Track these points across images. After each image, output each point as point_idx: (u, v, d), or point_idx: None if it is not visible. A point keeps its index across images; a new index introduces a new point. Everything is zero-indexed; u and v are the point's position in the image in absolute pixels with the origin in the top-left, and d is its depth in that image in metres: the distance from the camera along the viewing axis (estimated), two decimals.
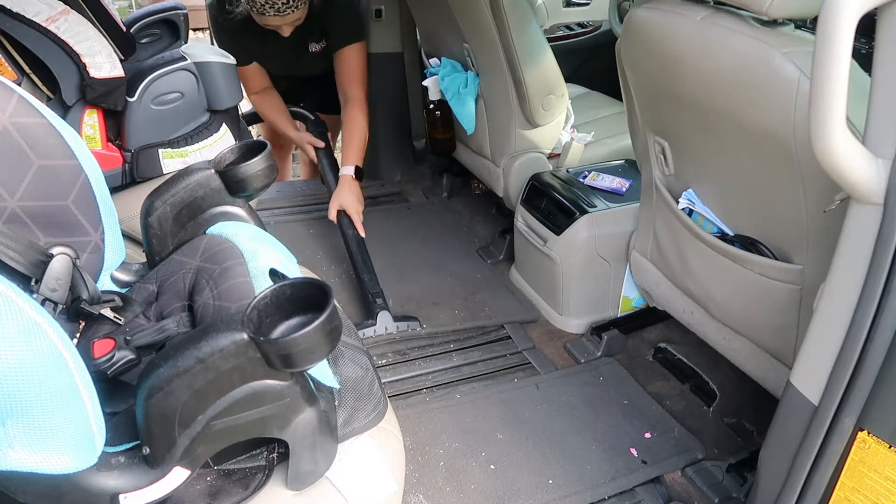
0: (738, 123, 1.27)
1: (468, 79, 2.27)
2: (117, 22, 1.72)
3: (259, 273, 1.03)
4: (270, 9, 1.92)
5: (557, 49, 2.14)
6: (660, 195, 1.64)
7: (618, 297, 2.01)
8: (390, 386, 1.80)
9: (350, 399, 1.02)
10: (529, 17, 2.00)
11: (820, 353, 1.00)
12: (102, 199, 1.12)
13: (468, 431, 1.65)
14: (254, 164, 1.13)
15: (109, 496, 0.80)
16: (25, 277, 0.97)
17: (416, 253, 2.38)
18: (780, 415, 1.12)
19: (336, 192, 2.18)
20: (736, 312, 1.52)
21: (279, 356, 0.76)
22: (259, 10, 1.94)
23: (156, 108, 1.64)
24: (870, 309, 0.90)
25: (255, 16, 1.99)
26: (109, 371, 0.94)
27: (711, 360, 1.81)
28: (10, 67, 1.49)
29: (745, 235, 1.44)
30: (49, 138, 1.04)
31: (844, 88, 0.83)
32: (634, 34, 1.45)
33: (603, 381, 1.82)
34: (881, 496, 0.97)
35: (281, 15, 1.94)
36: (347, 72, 2.22)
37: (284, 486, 0.92)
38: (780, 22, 1.17)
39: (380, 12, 2.64)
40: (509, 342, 2.00)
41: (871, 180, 0.87)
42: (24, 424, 0.72)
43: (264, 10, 1.93)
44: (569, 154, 2.23)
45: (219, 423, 0.80)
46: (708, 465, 1.57)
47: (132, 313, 1.09)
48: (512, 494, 1.49)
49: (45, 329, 0.71)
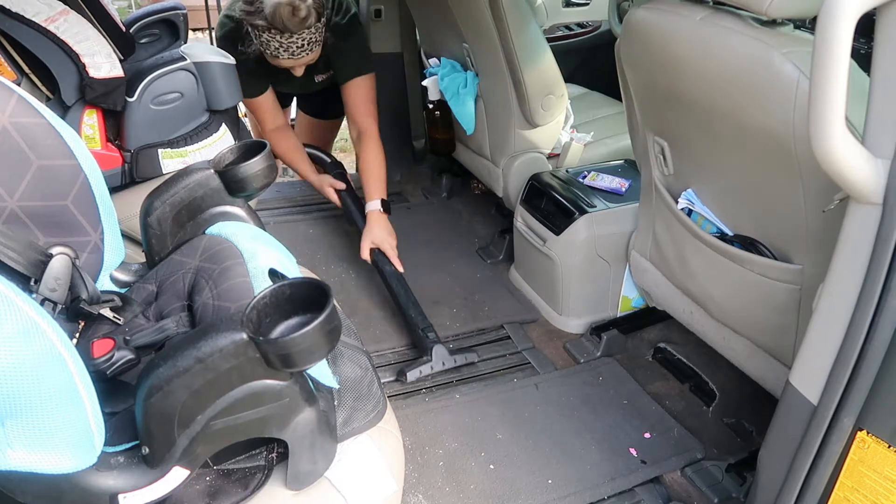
0: (738, 123, 1.27)
1: (468, 79, 2.27)
2: (117, 22, 1.72)
3: (258, 273, 1.03)
4: (284, 52, 1.88)
5: (557, 49, 2.14)
6: (659, 195, 1.64)
7: (617, 297, 2.02)
8: (390, 386, 1.80)
9: (349, 399, 1.02)
10: (529, 17, 2.00)
11: (819, 352, 1.00)
12: (102, 199, 1.12)
13: (468, 431, 1.65)
14: (253, 164, 1.13)
15: (109, 496, 0.80)
16: (25, 277, 0.97)
17: (416, 253, 2.38)
18: (780, 415, 1.12)
19: (366, 230, 2.10)
20: (735, 312, 1.52)
21: (278, 356, 0.76)
22: (273, 53, 1.89)
23: (155, 108, 1.64)
24: (869, 309, 0.90)
25: (268, 58, 1.94)
26: (109, 371, 0.94)
27: (711, 360, 1.81)
28: (9, 67, 1.49)
29: (744, 235, 1.44)
30: (48, 138, 1.04)
31: (843, 88, 0.83)
32: (634, 34, 1.45)
33: (602, 382, 1.83)
34: (880, 496, 0.97)
35: (294, 58, 1.91)
36: (358, 104, 2.18)
37: (284, 485, 0.92)
38: (780, 22, 1.18)
39: (379, 12, 2.64)
40: (509, 342, 2.00)
41: (870, 180, 0.87)
42: (24, 424, 0.72)
43: (278, 54, 1.89)
44: (568, 154, 2.23)
45: (218, 422, 0.80)
46: (707, 465, 1.57)
47: (131, 313, 1.09)
48: (511, 494, 1.49)
49: (44, 329, 0.71)
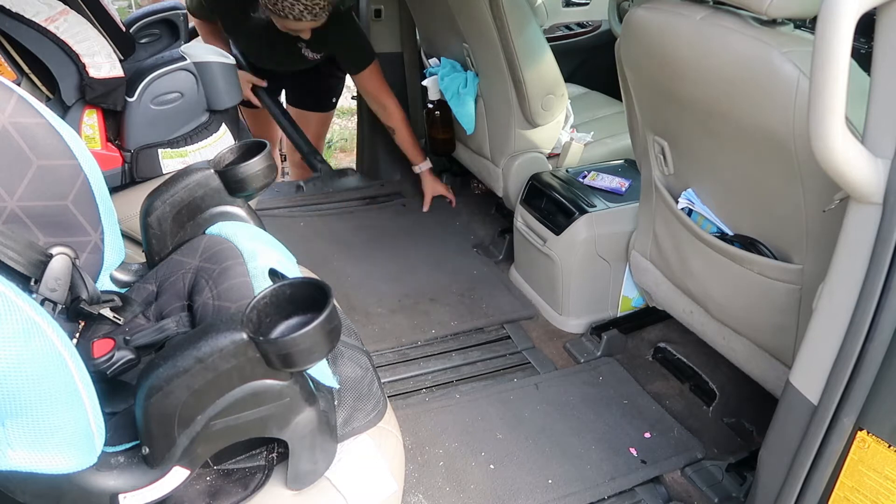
0: (738, 123, 1.27)
1: (468, 79, 2.27)
2: (117, 22, 1.72)
3: (258, 273, 1.03)
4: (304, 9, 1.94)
5: (557, 49, 2.14)
6: (659, 195, 1.64)
7: (617, 297, 2.02)
8: (390, 386, 1.80)
9: (349, 399, 1.02)
10: (529, 16, 2.00)
11: (819, 352, 1.00)
12: (102, 199, 1.12)
13: (468, 431, 1.65)
14: (253, 164, 1.13)
15: (109, 496, 0.80)
16: (25, 277, 0.97)
17: (416, 252, 2.39)
18: (780, 414, 1.12)
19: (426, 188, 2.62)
20: (735, 312, 1.52)
21: (278, 356, 0.76)
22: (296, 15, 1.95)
23: (155, 108, 1.64)
24: (869, 308, 0.90)
25: (276, 18, 2.01)
26: (109, 371, 0.94)
27: (711, 359, 1.81)
28: (9, 67, 1.49)
29: (744, 235, 1.44)
30: (48, 138, 1.04)
31: (843, 88, 0.83)
32: (634, 34, 1.45)
33: (602, 381, 1.83)
34: (880, 495, 0.97)
35: (311, 15, 1.97)
36: (374, 88, 2.42)
37: (284, 485, 0.92)
38: (780, 22, 1.17)
39: (379, 12, 2.64)
40: (509, 342, 2.00)
41: (870, 180, 0.87)
42: (24, 424, 0.72)
43: (302, 16, 1.95)
44: (568, 154, 2.23)
45: (218, 422, 0.80)
46: (707, 465, 1.57)
47: (132, 313, 1.09)
48: (511, 494, 1.49)
49: (44, 329, 0.71)
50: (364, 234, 2.51)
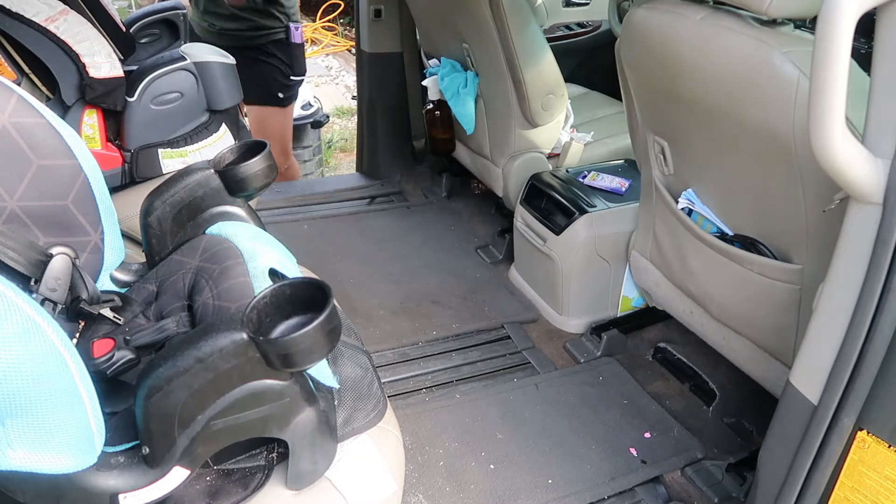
0: (738, 123, 1.27)
1: (468, 79, 2.27)
2: (117, 22, 1.72)
3: (258, 273, 1.03)
4: None
5: (557, 49, 2.14)
6: (659, 195, 1.64)
7: (617, 297, 2.01)
8: (390, 386, 1.80)
9: (349, 399, 1.02)
10: (529, 17, 2.00)
11: (819, 352, 1.00)
12: (102, 198, 1.12)
13: (468, 431, 1.64)
14: (253, 164, 1.13)
15: (109, 496, 0.80)
16: (25, 277, 0.97)
17: (416, 253, 2.38)
18: (780, 414, 1.12)
19: None
20: (736, 312, 1.52)
21: (279, 356, 0.76)
22: None
23: (155, 108, 1.64)
24: (869, 308, 0.90)
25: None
26: (109, 371, 0.94)
27: (711, 360, 1.81)
28: (9, 67, 1.49)
29: (744, 235, 1.44)
30: (48, 138, 1.04)
31: (843, 88, 0.83)
32: (634, 34, 1.45)
33: (602, 381, 1.82)
34: (880, 495, 0.97)
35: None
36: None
37: (284, 485, 0.92)
38: (780, 22, 1.18)
39: (379, 12, 2.64)
40: (509, 342, 2.00)
41: (870, 180, 0.87)
42: (24, 424, 0.72)
43: None
44: (568, 154, 2.23)
45: (218, 422, 0.80)
46: (707, 465, 1.57)
47: (132, 313, 1.09)
48: (511, 494, 1.49)
49: (44, 329, 0.71)
50: (365, 234, 2.51)
